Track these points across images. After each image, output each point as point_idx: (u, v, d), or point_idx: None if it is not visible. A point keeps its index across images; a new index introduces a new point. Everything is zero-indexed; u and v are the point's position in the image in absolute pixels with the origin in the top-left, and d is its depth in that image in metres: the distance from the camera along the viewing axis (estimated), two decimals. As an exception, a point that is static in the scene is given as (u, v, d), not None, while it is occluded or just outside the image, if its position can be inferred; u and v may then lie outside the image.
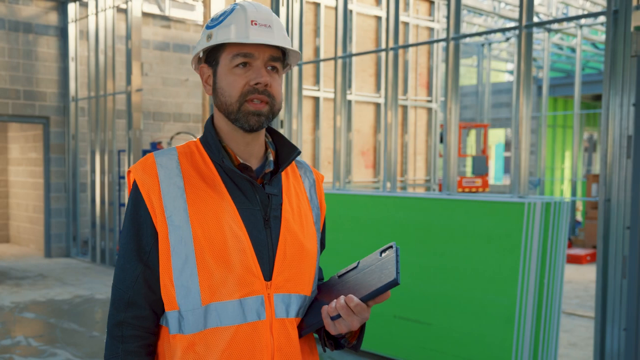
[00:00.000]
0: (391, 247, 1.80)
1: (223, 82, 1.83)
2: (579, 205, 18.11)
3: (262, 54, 1.83)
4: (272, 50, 1.85)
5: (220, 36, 1.82)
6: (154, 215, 1.80)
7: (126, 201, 11.88)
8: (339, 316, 1.74)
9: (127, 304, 1.83)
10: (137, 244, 1.83)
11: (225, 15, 1.85)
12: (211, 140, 1.88)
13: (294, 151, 1.93)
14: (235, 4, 1.87)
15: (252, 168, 1.87)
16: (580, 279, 11.44)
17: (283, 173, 1.97)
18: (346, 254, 6.41)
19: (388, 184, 7.29)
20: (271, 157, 1.93)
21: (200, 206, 1.80)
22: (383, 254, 1.81)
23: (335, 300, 1.76)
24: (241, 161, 1.87)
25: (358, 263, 1.88)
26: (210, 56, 1.88)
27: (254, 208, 1.85)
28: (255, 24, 1.82)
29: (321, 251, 2.09)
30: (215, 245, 1.78)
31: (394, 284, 1.67)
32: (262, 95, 1.82)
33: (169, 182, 1.82)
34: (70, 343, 6.98)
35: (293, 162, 2.04)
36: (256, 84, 1.81)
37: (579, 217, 18.06)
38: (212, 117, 1.94)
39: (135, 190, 1.84)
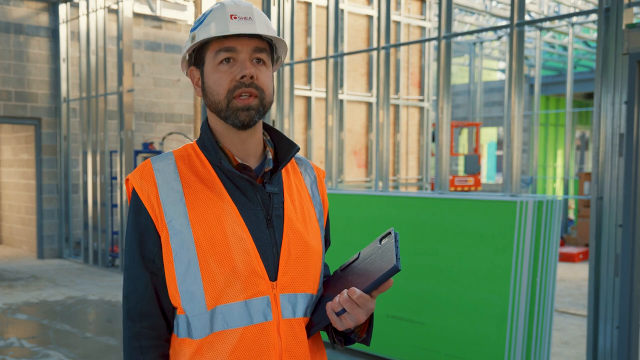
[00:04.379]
0: (390, 233, 1.76)
1: (210, 81, 1.82)
2: (572, 204, 18.15)
3: (245, 46, 1.81)
4: (255, 42, 1.82)
5: (201, 35, 1.81)
6: (156, 221, 1.79)
7: (118, 202, 11.80)
8: (344, 311, 1.71)
9: (141, 314, 1.82)
10: (141, 252, 1.81)
11: (205, 15, 1.85)
12: (208, 141, 1.86)
13: (292, 148, 1.90)
14: (216, 3, 1.86)
15: (251, 168, 1.85)
16: (572, 277, 11.46)
17: (283, 170, 1.94)
18: (339, 254, 6.38)
19: (380, 184, 7.29)
20: (270, 155, 1.91)
21: (200, 209, 1.78)
22: (382, 242, 1.78)
23: (338, 295, 1.73)
24: (239, 161, 1.84)
25: (359, 254, 1.86)
26: (197, 58, 1.86)
27: (255, 208, 1.82)
28: (235, 18, 1.80)
29: (327, 248, 2.07)
30: (217, 247, 1.75)
31: (395, 270, 1.64)
32: (250, 89, 1.79)
33: (167, 187, 1.80)
34: (63, 344, 6.96)
35: (293, 159, 2.02)
36: (242, 77, 1.78)
37: (571, 215, 18.10)
38: (207, 119, 1.92)
39: (135, 198, 1.82)
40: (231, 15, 1.80)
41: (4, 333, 7.45)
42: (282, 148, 1.93)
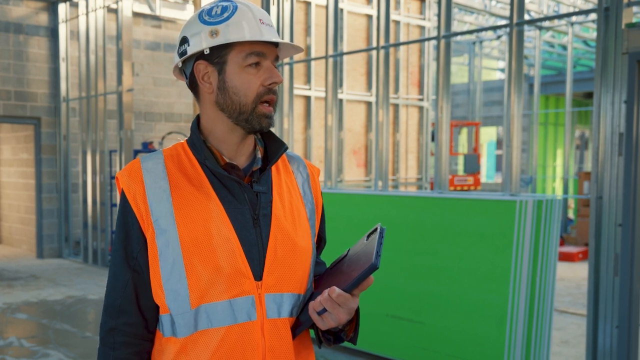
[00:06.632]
0: (376, 229, 1.75)
1: (236, 81, 1.80)
2: (571, 203, 18.15)
3: (270, 54, 1.83)
4: (275, 50, 1.85)
5: (232, 34, 1.78)
6: (142, 221, 1.79)
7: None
8: (325, 310, 1.71)
9: (118, 311, 1.83)
10: (125, 250, 1.82)
11: (227, 11, 1.80)
12: (196, 141, 1.86)
13: (281, 147, 1.90)
14: (230, 0, 1.83)
15: (239, 167, 1.85)
16: (572, 277, 11.46)
17: (274, 169, 1.94)
18: (338, 254, 6.39)
19: (380, 183, 7.29)
20: (259, 154, 1.91)
21: (186, 209, 1.78)
22: (369, 238, 1.78)
23: (320, 294, 1.73)
24: (227, 160, 1.85)
25: (348, 251, 1.86)
26: (214, 53, 1.81)
27: (242, 207, 1.82)
28: (263, 23, 1.81)
29: (323, 246, 2.08)
30: (202, 247, 1.76)
31: (373, 268, 1.63)
32: (274, 96, 1.83)
33: (154, 186, 1.80)
34: (62, 344, 6.96)
35: (285, 157, 2.02)
36: (270, 83, 1.81)
37: (570, 214, 18.09)
38: (197, 118, 1.91)
39: (122, 197, 1.84)
40: (260, 20, 1.81)
41: (4, 332, 7.45)
42: (271, 147, 1.93)
